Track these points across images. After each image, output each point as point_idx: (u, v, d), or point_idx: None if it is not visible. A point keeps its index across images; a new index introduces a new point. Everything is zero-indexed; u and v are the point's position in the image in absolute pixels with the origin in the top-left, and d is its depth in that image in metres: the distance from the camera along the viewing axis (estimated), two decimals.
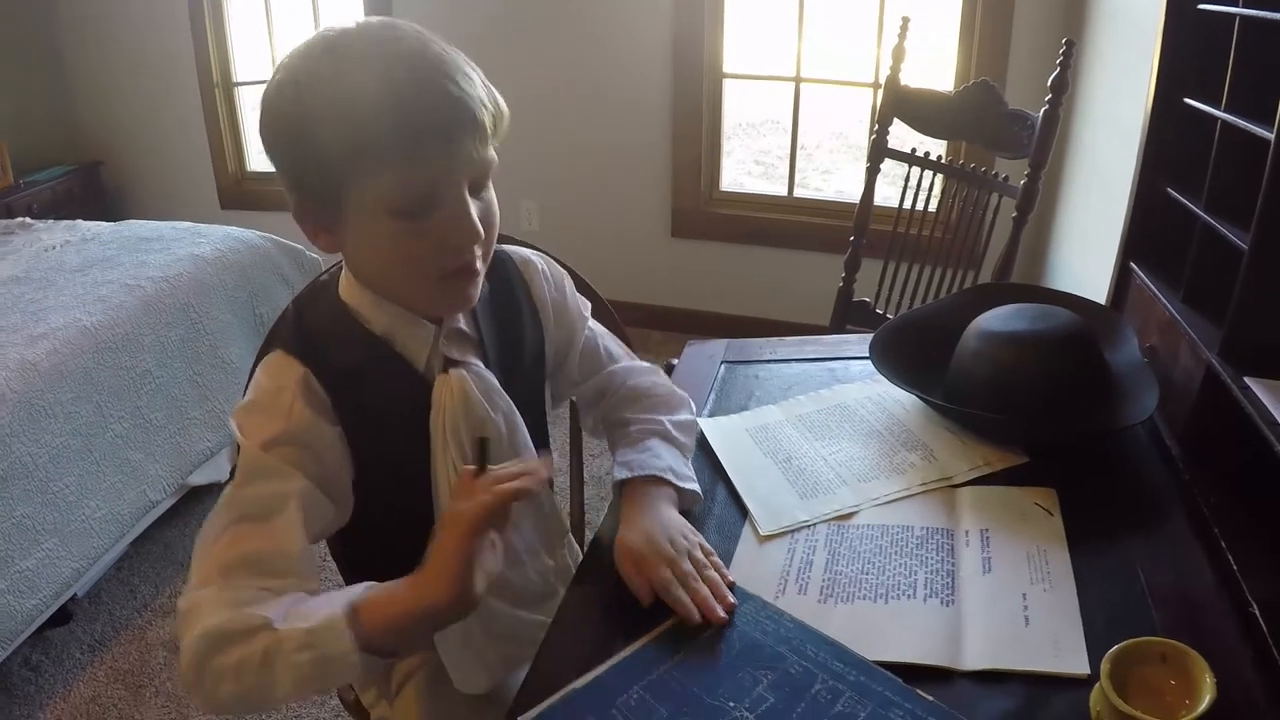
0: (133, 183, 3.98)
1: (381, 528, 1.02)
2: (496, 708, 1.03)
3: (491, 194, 0.94)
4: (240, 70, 3.73)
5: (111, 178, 3.94)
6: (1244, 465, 1.04)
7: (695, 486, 1.09)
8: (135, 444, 2.06)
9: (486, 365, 1.03)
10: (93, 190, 3.85)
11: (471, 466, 0.87)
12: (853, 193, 4.52)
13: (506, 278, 1.08)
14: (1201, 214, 1.16)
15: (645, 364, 1.24)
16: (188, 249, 2.40)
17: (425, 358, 0.99)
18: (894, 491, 1.13)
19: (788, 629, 0.92)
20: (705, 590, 0.95)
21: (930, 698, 0.83)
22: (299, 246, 2.68)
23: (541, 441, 1.13)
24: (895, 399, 1.31)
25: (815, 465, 1.18)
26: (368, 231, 0.90)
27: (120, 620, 2.11)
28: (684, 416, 1.18)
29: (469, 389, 0.99)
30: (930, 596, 0.96)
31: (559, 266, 1.18)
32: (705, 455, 1.22)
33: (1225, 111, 1.12)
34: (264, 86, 0.90)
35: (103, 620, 2.11)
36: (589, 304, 1.21)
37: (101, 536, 1.95)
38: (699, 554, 0.99)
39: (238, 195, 3.80)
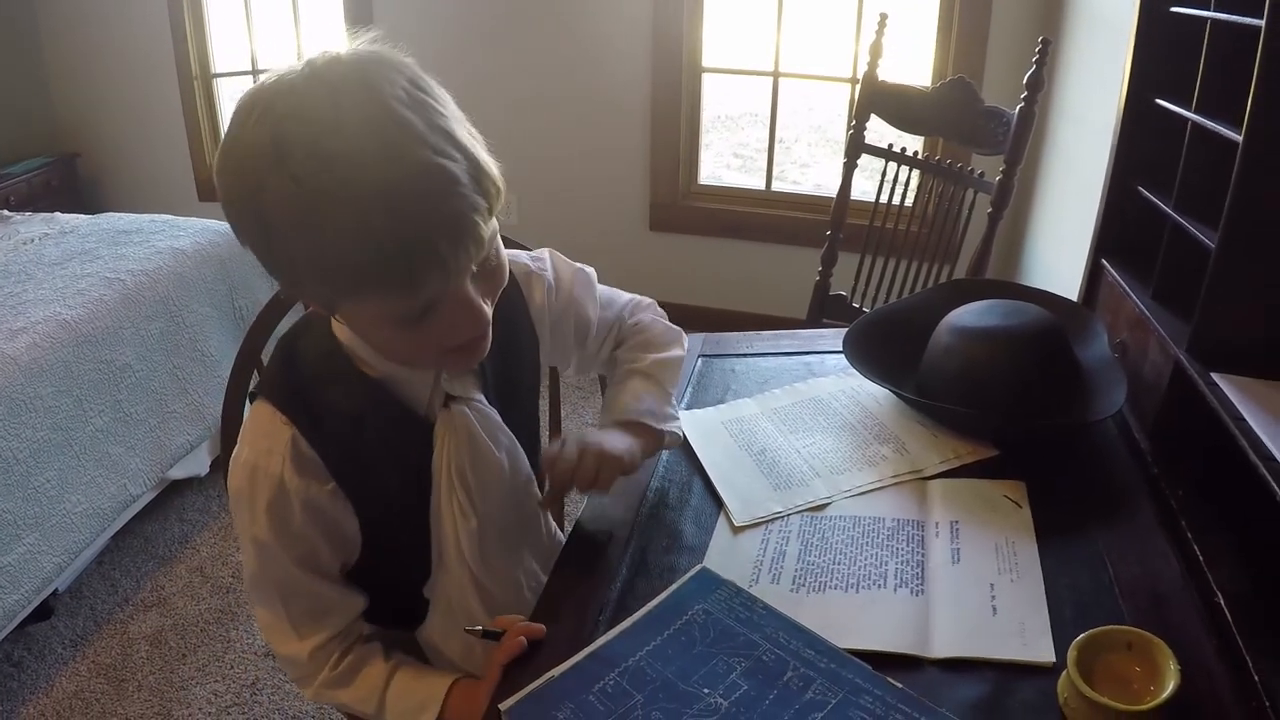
0: (110, 175, 3.95)
1: (380, 564, 1.03)
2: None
3: (497, 249, 0.87)
4: (219, 62, 3.70)
5: (89, 170, 3.92)
6: (1210, 459, 1.06)
7: (674, 427, 1.13)
8: (115, 438, 2.06)
9: (487, 397, 1.01)
10: (70, 182, 3.82)
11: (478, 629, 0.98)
12: (830, 186, 4.53)
13: (506, 295, 0.95)
14: (1171, 213, 1.17)
15: (644, 300, 1.23)
16: (167, 242, 2.40)
17: (426, 399, 0.96)
18: (866, 483, 1.14)
19: (761, 617, 0.93)
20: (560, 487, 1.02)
21: (899, 685, 0.84)
22: None
23: (535, 459, 1.12)
24: (868, 393, 1.33)
25: (789, 457, 1.20)
26: (363, 328, 0.86)
27: (101, 615, 2.11)
28: (670, 354, 1.17)
29: (473, 427, 0.98)
30: (900, 586, 0.98)
31: (566, 263, 1.12)
32: (682, 447, 1.23)
33: (1195, 113, 1.13)
34: (218, 171, 0.78)
35: (84, 615, 2.10)
36: (591, 279, 1.15)
37: (82, 531, 1.95)
38: (590, 461, 1.00)
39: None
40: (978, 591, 0.96)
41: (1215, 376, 1.04)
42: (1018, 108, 1.91)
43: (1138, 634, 0.85)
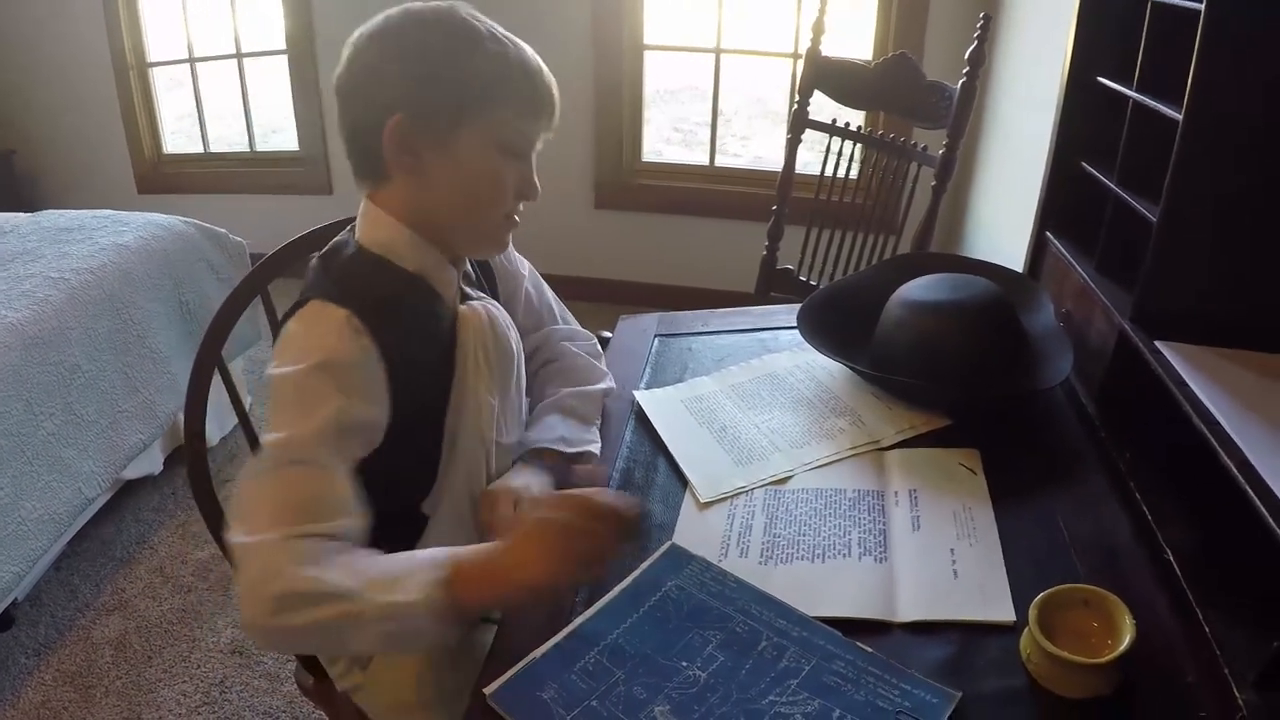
0: (48, 171, 3.84)
1: (387, 458, 0.98)
2: (469, 660, 1.06)
3: None
4: (154, 51, 3.61)
5: (25, 166, 3.80)
6: (1155, 423, 1.10)
7: (587, 448, 1.18)
8: (67, 441, 2.02)
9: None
10: (6, 180, 3.70)
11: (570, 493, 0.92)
12: (771, 159, 4.58)
13: None
14: (1114, 187, 1.21)
15: (582, 331, 1.33)
16: (110, 238, 2.34)
17: (453, 295, 1.07)
18: (825, 456, 1.18)
19: (732, 590, 0.97)
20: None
21: (869, 649, 0.88)
22: (221, 230, 2.63)
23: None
24: (823, 367, 1.36)
25: (750, 433, 1.23)
26: (473, 157, 1.00)
27: (63, 622, 2.07)
28: (593, 388, 1.26)
29: (493, 314, 1.09)
30: (864, 555, 1.01)
31: None
32: (644, 427, 1.26)
33: (1136, 91, 1.17)
34: (384, 29, 0.98)
35: (45, 623, 2.06)
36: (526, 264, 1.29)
37: (39, 538, 1.91)
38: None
39: (155, 179, 3.70)
40: (939, 557, 1.00)
41: (1159, 344, 1.09)
42: (960, 83, 1.95)
43: (1094, 591, 0.89)
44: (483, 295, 1.13)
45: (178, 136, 3.95)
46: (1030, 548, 1.01)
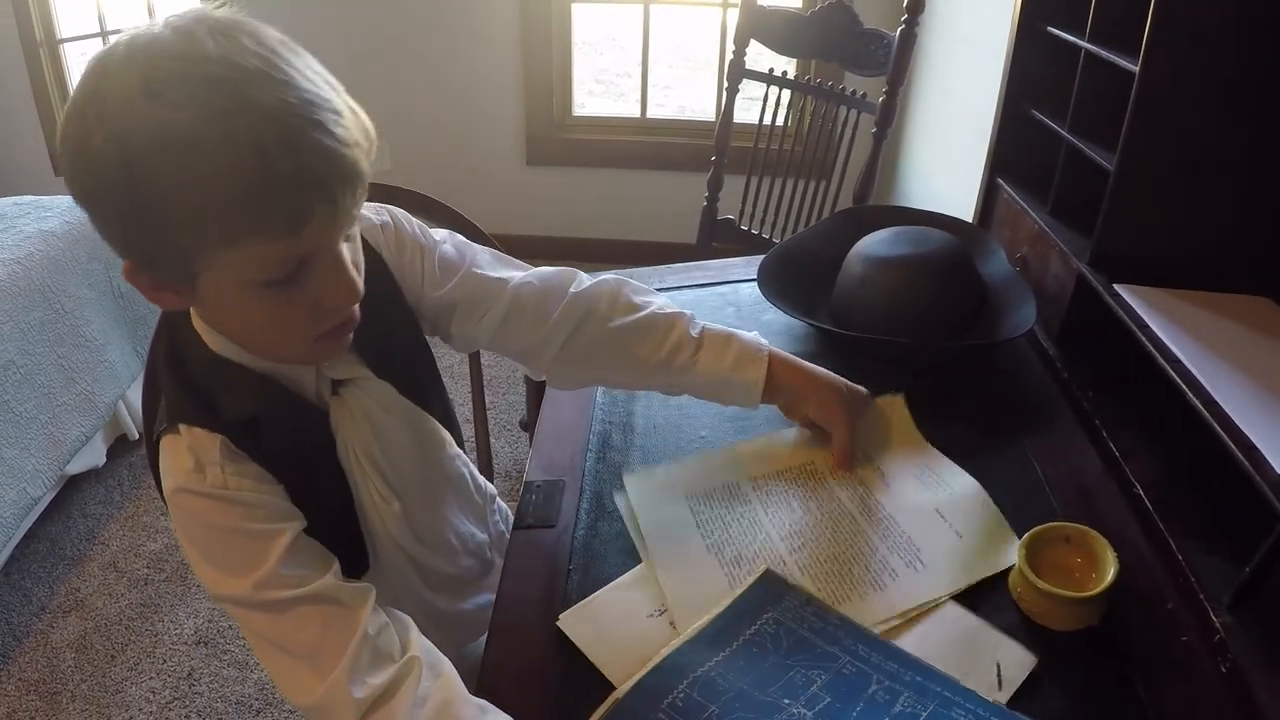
0: None
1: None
2: None
3: (359, 228, 0.81)
4: (64, 27, 3.40)
5: None
6: (1114, 363, 1.14)
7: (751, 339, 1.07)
8: (8, 440, 1.95)
9: (371, 368, 0.93)
10: None
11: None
12: (695, 108, 4.57)
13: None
14: (1067, 135, 1.24)
15: (548, 270, 1.05)
16: (35, 225, 2.25)
17: (314, 387, 0.90)
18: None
19: (835, 628, 0.88)
20: None
21: (990, 699, 0.81)
22: None
23: (446, 416, 1.06)
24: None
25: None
26: (227, 301, 0.75)
27: (20, 628, 2.01)
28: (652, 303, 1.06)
29: (370, 408, 0.92)
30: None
31: (391, 210, 0.99)
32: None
33: (1088, 42, 1.18)
34: (65, 124, 0.69)
35: (1, 631, 2.00)
36: (438, 239, 1.01)
37: None
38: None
39: None
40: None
41: (1118, 287, 1.12)
42: (899, 30, 1.96)
43: (1075, 528, 0.92)
44: (356, 376, 0.92)
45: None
46: (1008, 487, 1.03)
